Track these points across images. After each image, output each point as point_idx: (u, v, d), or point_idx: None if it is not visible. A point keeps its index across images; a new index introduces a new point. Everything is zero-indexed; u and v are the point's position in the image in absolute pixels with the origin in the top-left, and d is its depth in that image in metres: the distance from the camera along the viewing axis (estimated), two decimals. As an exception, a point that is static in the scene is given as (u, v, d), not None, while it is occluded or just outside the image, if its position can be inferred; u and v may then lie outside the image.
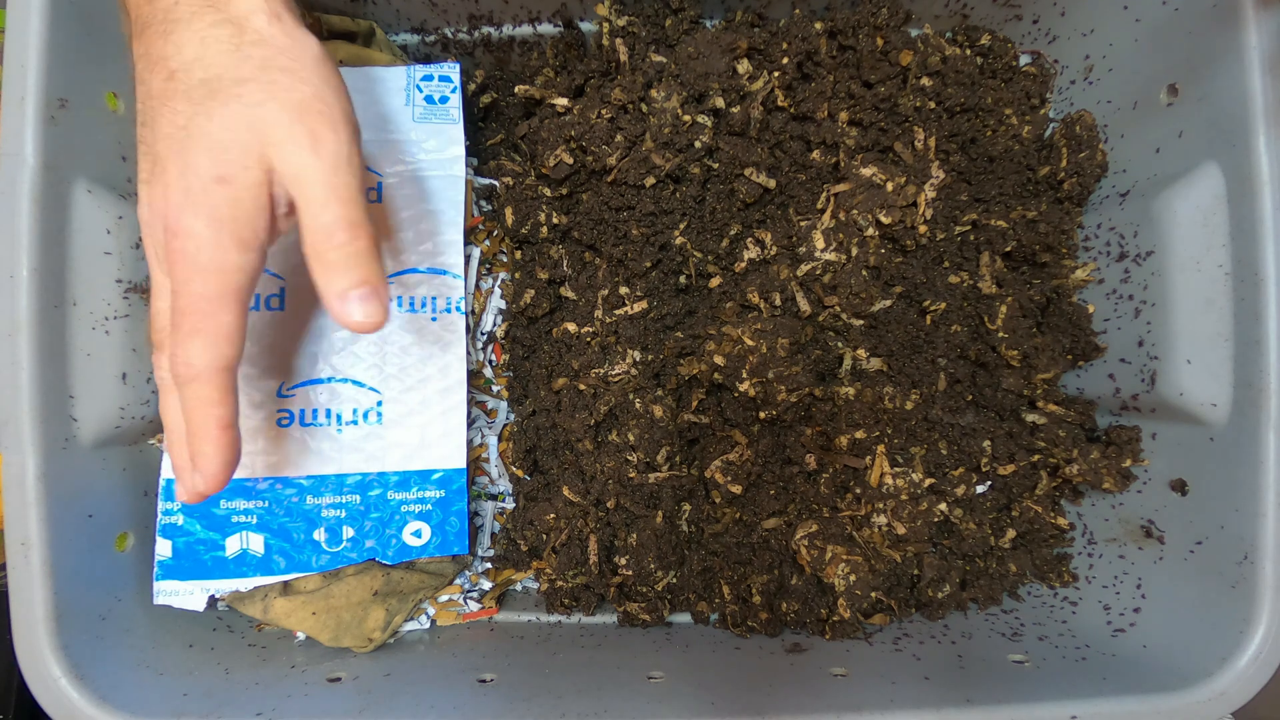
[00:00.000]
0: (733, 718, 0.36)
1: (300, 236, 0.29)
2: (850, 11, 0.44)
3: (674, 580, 0.46)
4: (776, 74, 0.42)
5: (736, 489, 0.44)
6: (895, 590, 0.45)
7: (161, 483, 0.41)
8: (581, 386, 0.45)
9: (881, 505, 0.43)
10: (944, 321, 0.45)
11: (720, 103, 0.42)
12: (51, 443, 0.35)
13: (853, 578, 0.42)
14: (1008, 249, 0.45)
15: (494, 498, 0.48)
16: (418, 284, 0.43)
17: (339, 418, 0.42)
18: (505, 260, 0.48)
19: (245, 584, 0.41)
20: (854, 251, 0.42)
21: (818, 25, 0.43)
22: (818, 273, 0.43)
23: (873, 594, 0.42)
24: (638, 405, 0.44)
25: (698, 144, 0.42)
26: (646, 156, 0.42)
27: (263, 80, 0.28)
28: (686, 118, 0.41)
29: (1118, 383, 0.44)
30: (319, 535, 0.42)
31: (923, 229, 0.43)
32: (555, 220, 0.45)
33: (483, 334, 0.47)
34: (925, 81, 0.44)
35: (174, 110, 0.28)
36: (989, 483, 0.46)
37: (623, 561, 0.44)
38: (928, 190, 0.43)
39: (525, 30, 0.47)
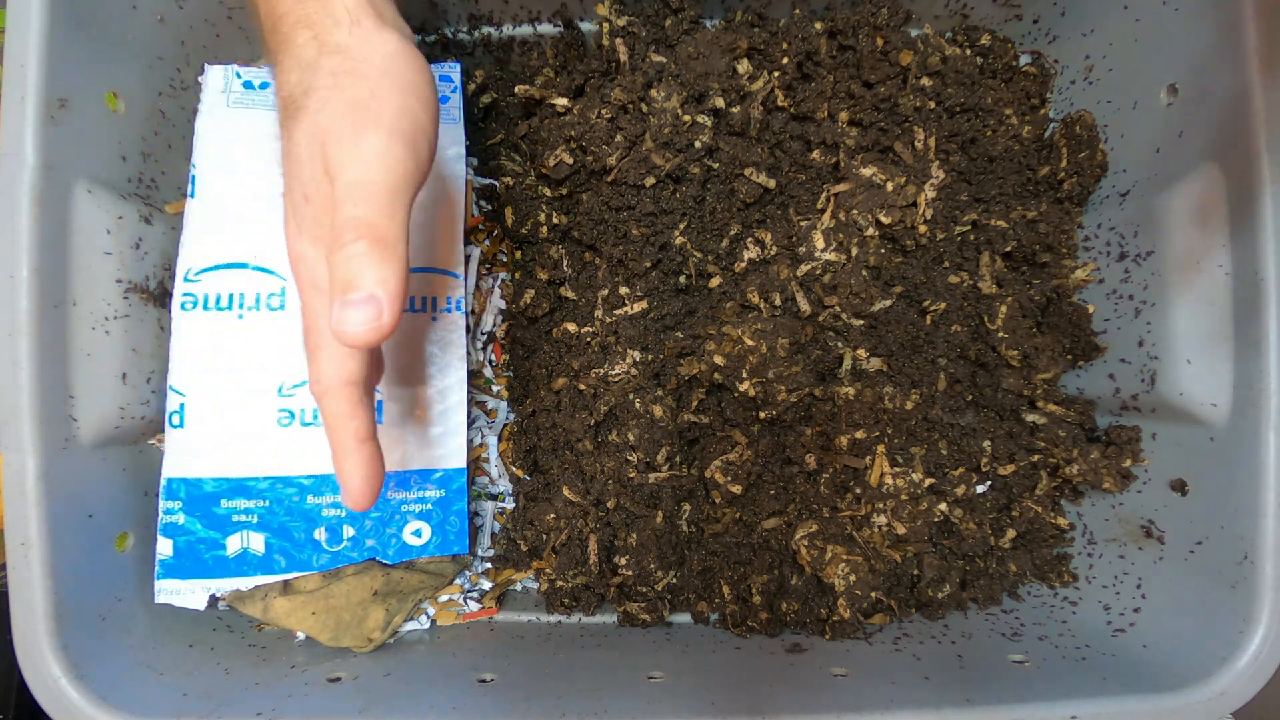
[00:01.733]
0: (733, 718, 0.36)
1: None
2: (850, 11, 0.44)
3: (674, 580, 0.46)
4: (776, 74, 0.42)
5: (736, 489, 0.44)
6: (895, 590, 0.45)
7: (162, 482, 0.41)
8: (581, 386, 0.45)
9: (881, 505, 0.43)
10: (944, 321, 0.45)
11: (720, 103, 0.42)
12: (51, 443, 0.35)
13: (853, 578, 0.42)
14: (1008, 249, 0.45)
15: (494, 498, 0.48)
16: (418, 283, 0.43)
17: (339, 418, 0.42)
18: (505, 260, 0.48)
19: (246, 583, 0.41)
20: (854, 251, 0.42)
21: (818, 25, 0.43)
22: (818, 273, 0.43)
23: (873, 594, 0.42)
24: (638, 405, 0.44)
25: (698, 144, 0.42)
26: (646, 156, 0.42)
27: (327, 86, 0.28)
28: (686, 118, 0.41)
29: (1118, 383, 0.44)
30: (319, 534, 0.42)
31: (923, 229, 0.43)
32: (555, 220, 0.45)
33: (483, 334, 0.47)
34: (925, 81, 0.44)
35: (284, 135, 0.29)
36: (989, 483, 0.46)
37: (623, 561, 0.44)
38: (928, 190, 0.43)
39: (525, 30, 0.47)
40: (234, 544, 0.41)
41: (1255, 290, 0.36)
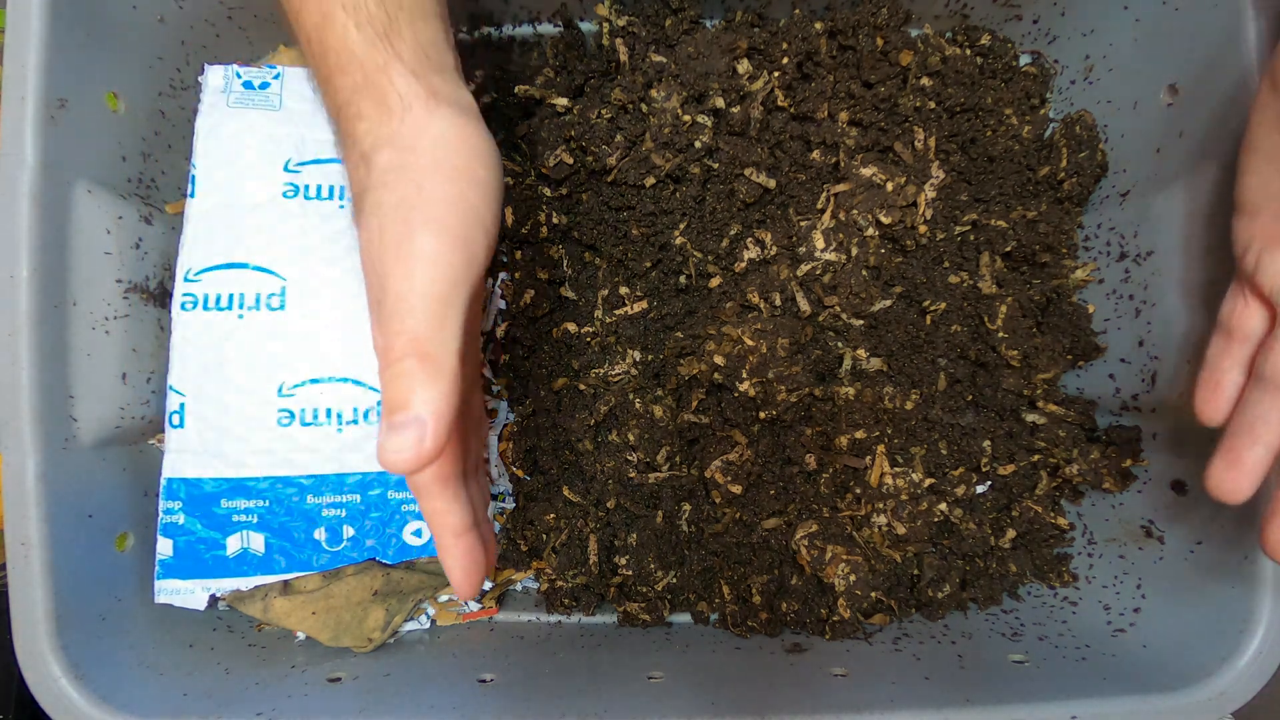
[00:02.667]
0: (733, 718, 0.36)
1: None
2: (850, 11, 0.44)
3: (674, 580, 0.46)
4: (776, 74, 0.42)
5: (736, 489, 0.44)
6: (895, 590, 0.45)
7: (162, 482, 0.41)
8: (581, 386, 0.45)
9: (881, 505, 0.43)
10: (944, 321, 0.45)
11: (720, 103, 0.42)
12: (51, 443, 0.36)
13: (853, 578, 0.42)
14: (1008, 249, 0.45)
15: (494, 498, 0.48)
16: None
17: (339, 417, 0.42)
18: (505, 260, 0.48)
19: (246, 583, 0.41)
20: (854, 251, 0.42)
21: (818, 25, 0.43)
22: (818, 273, 0.43)
23: (873, 594, 0.42)
24: (638, 405, 0.44)
25: (698, 144, 0.42)
26: (646, 156, 0.42)
27: (378, 186, 0.27)
28: (686, 118, 0.41)
29: (1118, 383, 0.44)
30: (319, 534, 0.42)
31: (923, 229, 0.43)
32: (555, 220, 0.45)
33: (483, 334, 0.47)
34: (925, 81, 0.44)
35: (358, 234, 0.28)
36: (989, 483, 0.46)
37: (623, 561, 0.44)
38: (928, 190, 0.43)
39: (525, 30, 0.47)
40: (234, 544, 0.41)
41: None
